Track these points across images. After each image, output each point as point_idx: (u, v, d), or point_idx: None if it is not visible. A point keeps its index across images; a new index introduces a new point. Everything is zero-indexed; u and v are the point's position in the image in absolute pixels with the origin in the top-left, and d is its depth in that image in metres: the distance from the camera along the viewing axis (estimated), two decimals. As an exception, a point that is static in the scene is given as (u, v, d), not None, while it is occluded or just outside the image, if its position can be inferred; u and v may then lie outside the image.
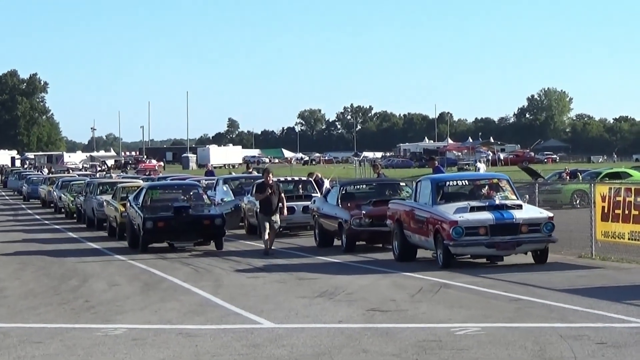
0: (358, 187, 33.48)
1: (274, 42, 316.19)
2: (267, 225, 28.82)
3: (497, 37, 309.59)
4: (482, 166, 42.11)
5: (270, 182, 29.72)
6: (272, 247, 29.07)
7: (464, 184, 26.40)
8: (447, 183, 26.30)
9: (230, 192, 39.58)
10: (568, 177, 51.42)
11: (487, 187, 25.43)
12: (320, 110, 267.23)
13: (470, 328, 15.65)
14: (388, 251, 27.74)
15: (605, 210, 24.69)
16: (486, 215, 23.38)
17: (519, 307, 17.88)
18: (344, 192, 31.21)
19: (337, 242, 30.62)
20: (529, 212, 24.11)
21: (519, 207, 24.01)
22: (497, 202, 23.94)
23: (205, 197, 33.38)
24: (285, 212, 30.31)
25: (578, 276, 21.68)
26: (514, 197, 24.92)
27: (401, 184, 33.85)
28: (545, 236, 23.53)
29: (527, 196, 27.54)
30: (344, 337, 15.32)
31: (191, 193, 33.14)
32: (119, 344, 15.41)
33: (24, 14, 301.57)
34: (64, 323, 17.85)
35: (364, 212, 28.60)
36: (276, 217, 29.18)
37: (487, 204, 23.92)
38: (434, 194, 24.80)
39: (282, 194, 30.33)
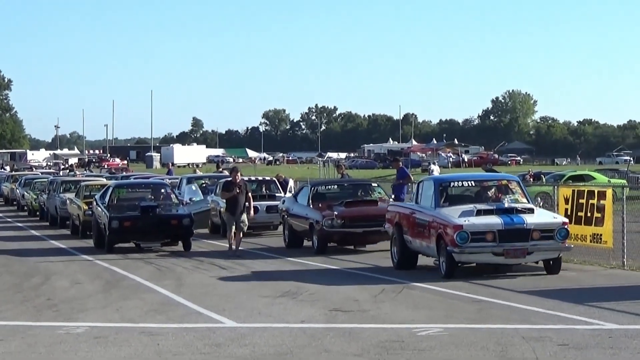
0: (329, 187, 32.59)
1: (239, 42, 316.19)
2: (234, 225, 28.64)
3: (462, 38, 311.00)
4: (435, 168, 41.20)
5: (238, 181, 29.45)
6: (240, 248, 28.82)
7: (470, 185, 23.76)
8: (452, 184, 23.73)
9: (199, 191, 38.89)
10: (532, 179, 51.73)
11: (495, 188, 23.18)
12: (284, 111, 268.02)
13: (433, 329, 15.67)
14: (359, 253, 27.84)
15: (568, 213, 24.53)
16: (494, 220, 21.10)
17: (481, 308, 17.94)
18: (314, 192, 30.26)
19: (307, 243, 30.03)
20: (541, 216, 21.83)
21: (530, 211, 21.65)
22: (507, 205, 21.81)
23: (173, 196, 32.90)
24: (252, 212, 30.00)
25: (540, 278, 21.57)
26: (524, 200, 22.69)
27: (373, 184, 33.05)
28: (558, 243, 21.27)
29: (540, 199, 26.02)
30: (306, 336, 15.30)
31: (159, 192, 32.74)
32: (81, 342, 15.36)
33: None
34: (26, 321, 17.80)
35: (335, 212, 27.69)
36: (243, 217, 28.88)
37: (495, 207, 21.74)
38: (437, 195, 22.47)
39: (250, 194, 30.14)
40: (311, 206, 29.12)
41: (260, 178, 41.96)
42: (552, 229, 21.11)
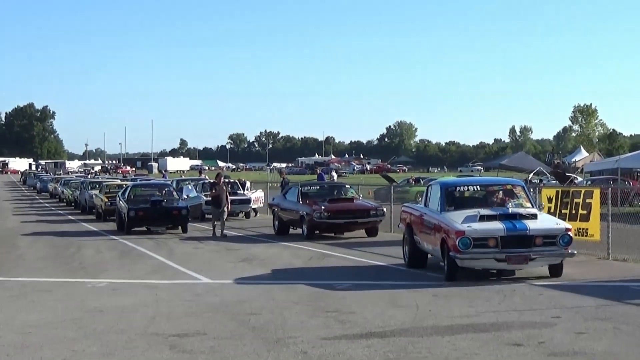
0: (313, 188, 29.99)
1: (214, 83, 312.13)
2: (218, 215, 27.95)
3: (365, 81, 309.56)
4: (334, 175, 39.55)
5: (221, 183, 28.95)
6: (224, 231, 27.74)
7: (476, 189, 18.12)
8: (457, 188, 17.76)
9: (194, 190, 37.86)
10: (413, 182, 51.84)
11: (500, 193, 17.41)
12: (243, 134, 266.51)
13: (345, 284, 15.70)
14: (338, 238, 25.73)
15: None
16: (497, 226, 15.58)
17: (380, 271, 18.03)
18: (302, 191, 27.89)
19: (292, 231, 27.76)
20: (544, 222, 16.08)
21: (534, 216, 16.03)
22: (511, 210, 16.22)
23: (175, 193, 32.54)
24: (229, 205, 29.39)
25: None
26: (529, 204, 16.95)
27: (347, 186, 30.78)
28: (561, 250, 15.68)
29: (544, 204, 19.80)
30: (259, 289, 15.31)
31: (164, 190, 32.28)
32: (103, 293, 15.33)
33: (38, 60, 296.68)
34: (65, 278, 17.74)
35: (322, 207, 25.55)
36: (224, 209, 28.11)
37: (498, 212, 16.13)
38: (442, 199, 17.05)
39: (228, 192, 29.80)
40: (301, 202, 26.88)
41: (227, 180, 41.87)
42: (555, 235, 15.65)
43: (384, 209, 26.87)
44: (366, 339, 10.50)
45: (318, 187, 29.88)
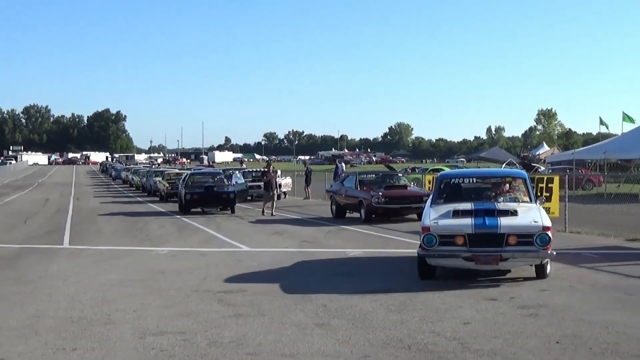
0: (369, 176, 26.38)
1: (251, 87, 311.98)
2: (269, 197, 27.22)
3: (371, 89, 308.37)
4: (342, 165, 38.71)
5: (271, 170, 28.28)
6: (273, 213, 26.82)
7: (472, 182, 13.51)
8: (452, 180, 13.39)
9: (242, 177, 37.05)
10: (410, 171, 51.71)
11: (498, 186, 13.21)
12: (275, 132, 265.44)
13: (356, 252, 15.65)
14: (392, 222, 22.01)
15: (431, 189, 21.62)
16: (466, 222, 11.26)
17: (384, 241, 17.98)
18: (360, 179, 25.05)
19: (348, 215, 25.02)
20: (521, 219, 11.33)
21: (513, 213, 11.49)
22: (497, 204, 11.95)
23: (225, 180, 31.48)
24: (279, 189, 27.90)
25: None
26: (526, 198, 12.64)
27: (399, 174, 27.86)
28: (538, 250, 11.06)
29: (545, 199, 15.87)
30: (287, 255, 15.25)
31: (216, 177, 31.37)
32: (164, 258, 15.36)
33: (114, 74, 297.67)
34: (134, 247, 17.76)
35: (380, 193, 22.89)
36: (274, 193, 27.40)
37: (475, 207, 11.73)
38: (436, 191, 13.17)
39: (278, 178, 28.51)
40: (359, 189, 24.21)
41: (261, 169, 41.81)
42: (531, 234, 11.08)
43: None
44: (373, 295, 10.48)
45: (374, 176, 26.93)
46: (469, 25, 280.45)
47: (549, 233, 11.15)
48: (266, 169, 29.05)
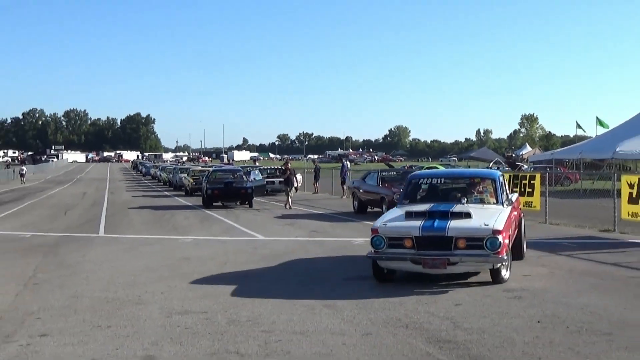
0: (390, 173, 25.25)
1: (266, 92, 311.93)
2: (289, 192, 26.98)
3: (373, 95, 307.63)
4: (347, 163, 37.93)
5: (289, 167, 27.98)
6: (290, 206, 26.35)
7: (440, 182, 11.68)
8: (421, 180, 11.78)
9: (260, 174, 36.60)
10: (408, 169, 51.58)
11: (467, 187, 11.59)
12: (287, 134, 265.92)
13: (359, 240, 15.57)
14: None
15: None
16: (413, 224, 9.67)
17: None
18: (381, 176, 23.91)
19: (369, 210, 23.57)
20: (472, 222, 9.56)
21: (467, 215, 9.72)
22: (454, 207, 10.07)
23: (244, 177, 30.91)
24: (296, 184, 27.49)
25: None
26: (493, 199, 10.95)
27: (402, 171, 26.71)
28: (487, 254, 9.36)
29: (515, 197, 12.39)
30: (298, 244, 15.26)
31: (236, 174, 30.77)
32: (188, 246, 15.35)
33: (145, 81, 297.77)
34: (161, 235, 17.75)
35: (401, 189, 20.65)
36: (292, 187, 27.17)
37: (429, 209, 10.01)
38: (403, 192, 11.74)
39: (295, 175, 28.18)
40: (380, 185, 23.05)
41: (276, 167, 41.90)
42: (481, 238, 9.37)
43: None
44: (374, 279, 10.47)
45: (394, 173, 25.62)
46: (461, 40, 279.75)
47: (500, 237, 9.37)
48: (285, 167, 28.75)
